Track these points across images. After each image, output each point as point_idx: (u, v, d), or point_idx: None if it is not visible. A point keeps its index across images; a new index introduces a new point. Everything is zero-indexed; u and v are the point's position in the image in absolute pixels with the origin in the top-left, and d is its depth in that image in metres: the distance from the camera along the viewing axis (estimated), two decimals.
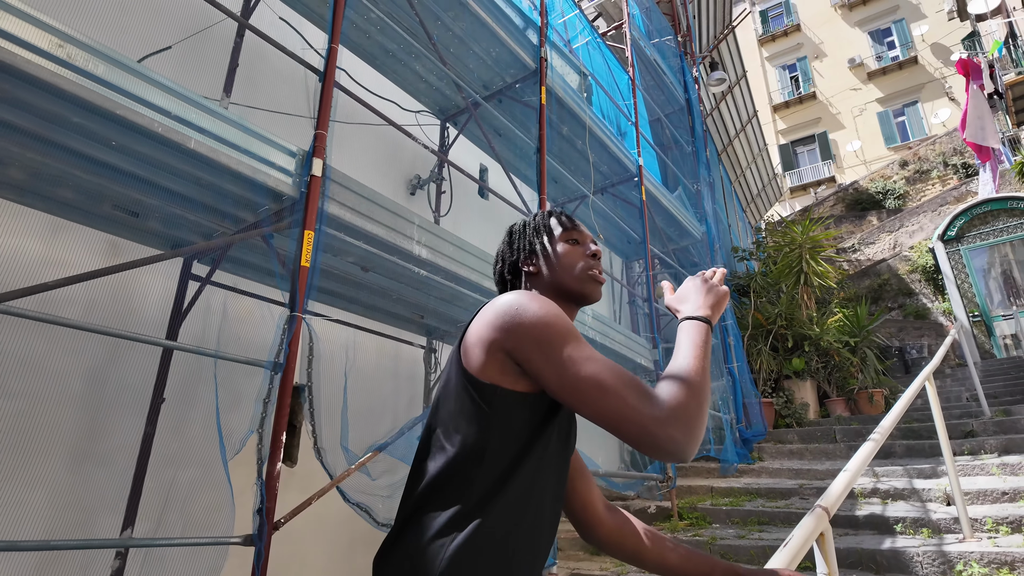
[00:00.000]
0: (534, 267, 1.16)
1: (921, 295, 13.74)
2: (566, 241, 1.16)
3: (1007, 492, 4.01)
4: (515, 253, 1.20)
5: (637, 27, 6.92)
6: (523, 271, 1.17)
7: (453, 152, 5.27)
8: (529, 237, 1.20)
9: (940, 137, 19.65)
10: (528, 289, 1.16)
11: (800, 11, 25.32)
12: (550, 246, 1.16)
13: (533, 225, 1.22)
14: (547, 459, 0.96)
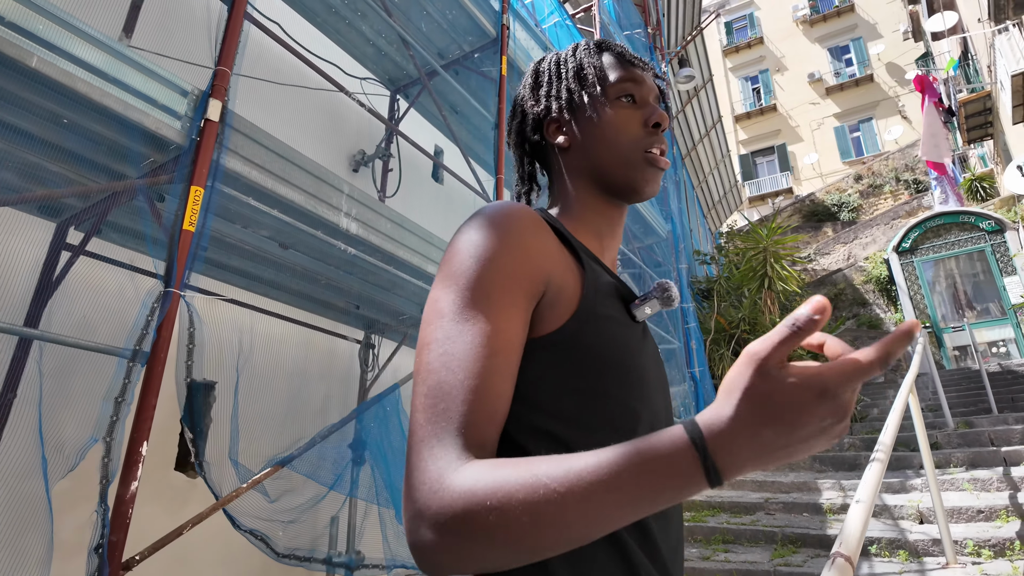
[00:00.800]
0: (565, 136, 0.79)
1: (875, 305, 13.89)
2: (618, 96, 0.78)
3: (982, 510, 3.77)
4: (541, 103, 0.81)
5: (607, 12, 6.57)
6: (548, 141, 0.80)
7: (404, 128, 4.78)
8: (566, 78, 0.80)
9: (893, 153, 20.14)
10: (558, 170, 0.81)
11: (763, 25, 25.67)
12: (592, 101, 0.77)
13: (575, 60, 0.81)
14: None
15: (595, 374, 0.65)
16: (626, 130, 0.76)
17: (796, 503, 4.39)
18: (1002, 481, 4.20)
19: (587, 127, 0.77)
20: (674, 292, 0.74)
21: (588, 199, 0.78)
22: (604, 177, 0.77)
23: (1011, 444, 4.98)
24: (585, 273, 0.68)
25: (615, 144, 0.76)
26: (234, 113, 2.18)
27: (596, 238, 0.78)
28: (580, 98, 0.78)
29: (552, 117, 0.80)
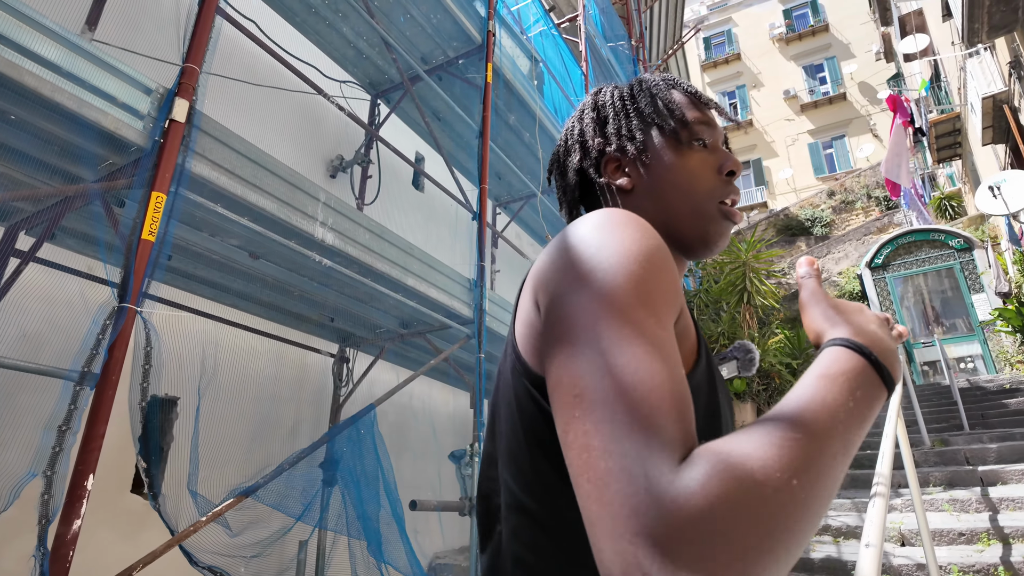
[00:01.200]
0: (630, 176, 0.70)
1: None
2: (692, 139, 0.70)
3: (964, 533, 3.75)
4: (604, 139, 0.72)
5: (592, 22, 6.53)
6: (605, 182, 0.71)
7: (385, 134, 4.64)
8: (636, 115, 0.71)
9: (864, 171, 20.57)
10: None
11: (741, 41, 26.11)
12: (666, 141, 0.69)
13: (646, 96, 0.72)
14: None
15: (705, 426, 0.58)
16: (702, 177, 0.68)
17: None
18: (980, 502, 4.19)
19: (658, 170, 0.69)
20: (756, 356, 0.68)
21: None
22: (674, 227, 0.68)
23: (987, 463, 5.00)
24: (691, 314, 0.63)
25: (690, 192, 0.68)
26: (202, 114, 2.03)
27: None
28: (652, 138, 0.70)
29: (612, 155, 0.71)
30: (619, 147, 0.70)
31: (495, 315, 3.53)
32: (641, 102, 0.72)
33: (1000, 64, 9.13)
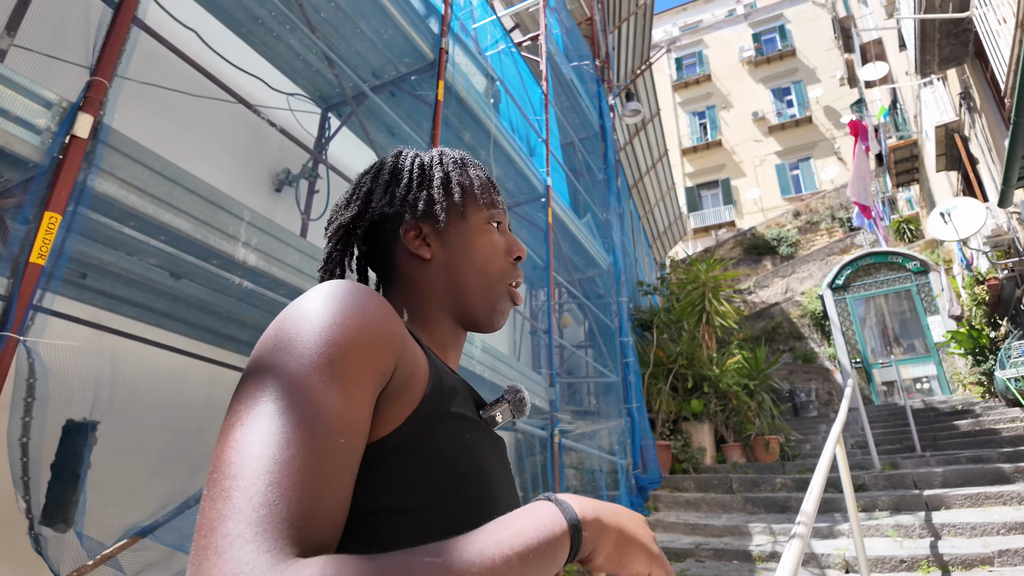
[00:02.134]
0: (430, 247, 0.71)
1: (810, 340, 14.31)
2: (488, 221, 0.74)
3: (905, 560, 3.77)
4: (396, 205, 0.71)
5: (554, 42, 6.55)
6: (403, 247, 0.71)
7: (336, 148, 4.56)
8: (434, 185, 0.72)
9: (828, 192, 21.10)
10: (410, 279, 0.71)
11: (712, 63, 26.66)
12: (466, 220, 0.72)
13: (445, 171, 0.74)
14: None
15: (442, 485, 0.56)
16: (495, 259, 0.72)
17: (727, 549, 4.31)
18: (924, 527, 4.23)
19: (456, 247, 0.71)
20: (526, 398, 0.67)
21: (440, 317, 0.71)
22: (465, 301, 0.71)
23: (932, 487, 5.07)
24: (431, 365, 0.60)
25: (483, 272, 0.71)
26: (111, 129, 1.93)
27: (439, 348, 0.71)
28: (454, 214, 0.72)
29: (413, 224, 0.71)
30: (423, 217, 0.70)
31: None
32: (441, 176, 0.72)
33: (952, 94, 9.44)
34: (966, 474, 5.11)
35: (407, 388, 0.56)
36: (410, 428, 0.54)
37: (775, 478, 5.75)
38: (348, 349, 0.50)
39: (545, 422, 4.86)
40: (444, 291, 0.70)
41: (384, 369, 0.53)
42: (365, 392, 0.51)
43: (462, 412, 0.60)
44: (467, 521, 0.54)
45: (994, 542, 3.78)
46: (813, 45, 24.85)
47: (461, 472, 0.57)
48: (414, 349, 0.58)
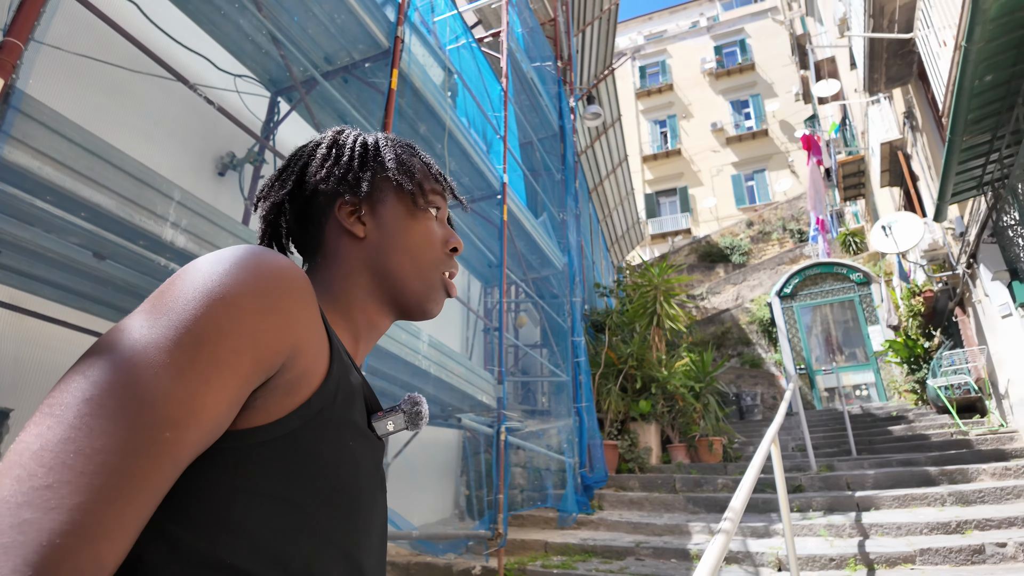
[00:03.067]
0: (363, 225, 0.68)
1: (758, 345, 14.72)
2: (427, 208, 0.72)
3: (834, 558, 3.89)
4: (332, 182, 0.69)
5: (516, 40, 6.54)
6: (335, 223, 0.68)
7: (285, 133, 4.43)
8: (376, 163, 0.71)
9: (781, 204, 21.78)
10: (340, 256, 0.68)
11: (674, 72, 27.18)
12: (404, 202, 0.71)
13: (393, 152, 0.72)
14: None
15: (311, 496, 0.51)
16: (431, 246, 0.71)
17: (666, 548, 4.37)
18: (854, 527, 4.38)
19: (392, 228, 0.69)
20: (424, 411, 0.64)
21: (363, 300, 0.68)
22: (395, 286, 0.68)
23: (864, 489, 5.26)
24: (333, 361, 0.55)
25: (418, 257, 0.69)
26: (24, 94, 1.81)
27: (353, 339, 0.67)
28: (392, 195, 0.70)
29: (350, 200, 0.68)
30: (360, 195, 0.68)
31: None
32: (387, 157, 0.71)
33: (897, 113, 9.84)
34: (896, 477, 5.32)
35: (297, 385, 0.51)
36: (288, 425, 0.50)
37: (717, 479, 5.87)
38: (227, 332, 0.45)
39: (492, 420, 4.84)
40: (373, 272, 0.67)
41: (269, 361, 0.48)
42: (231, 384, 0.45)
43: (351, 418, 0.56)
44: (329, 530, 0.52)
45: (917, 541, 3.94)
46: (771, 60, 25.60)
47: (332, 481, 0.53)
48: (318, 340, 0.54)
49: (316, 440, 0.52)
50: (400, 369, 3.94)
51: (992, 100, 4.58)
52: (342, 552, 0.53)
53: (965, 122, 4.68)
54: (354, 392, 0.58)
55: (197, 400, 0.43)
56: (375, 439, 0.61)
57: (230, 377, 0.45)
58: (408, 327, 3.88)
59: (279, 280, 0.50)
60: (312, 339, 0.52)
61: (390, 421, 0.61)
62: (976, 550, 3.64)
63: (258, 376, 0.48)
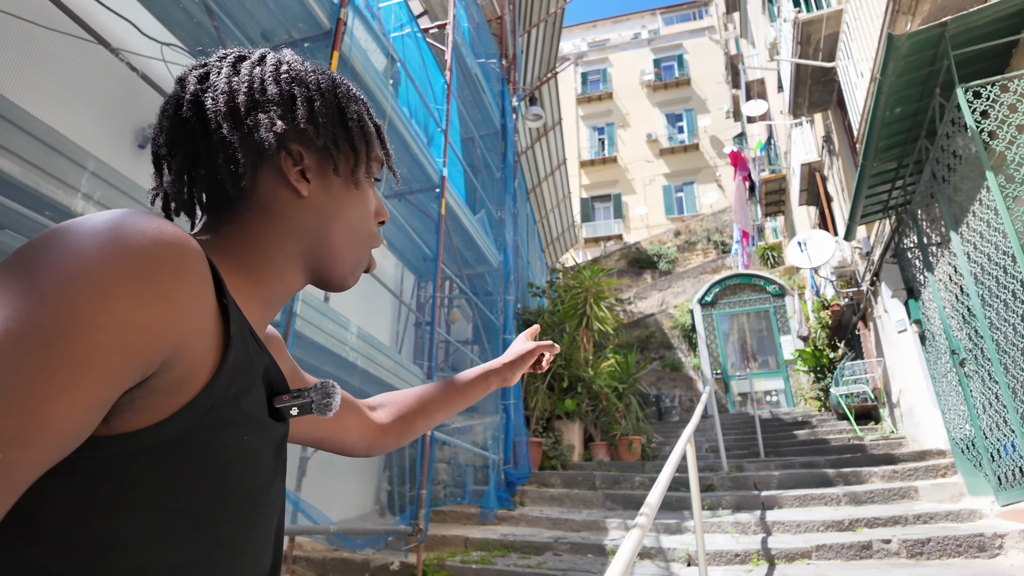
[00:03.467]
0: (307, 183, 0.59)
1: (678, 350, 15.32)
2: (371, 176, 0.65)
3: (739, 554, 4.11)
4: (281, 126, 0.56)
5: (462, 34, 6.51)
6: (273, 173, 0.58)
7: None
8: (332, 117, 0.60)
9: (707, 216, 22.77)
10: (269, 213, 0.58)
11: (614, 81, 27.83)
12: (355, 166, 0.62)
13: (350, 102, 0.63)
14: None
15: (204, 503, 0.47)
16: (367, 218, 0.64)
17: (583, 543, 4.48)
18: (758, 525, 4.65)
19: (340, 196, 0.61)
20: (335, 401, 0.59)
21: (287, 265, 0.59)
22: (327, 256, 0.61)
23: (770, 489, 5.58)
24: (229, 349, 0.48)
25: (357, 230, 0.63)
26: None
27: (261, 307, 0.59)
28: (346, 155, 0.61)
29: (298, 150, 0.58)
30: (312, 150, 0.59)
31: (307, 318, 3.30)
32: (351, 111, 0.62)
33: (817, 136, 10.50)
34: (798, 478, 5.68)
35: (183, 383, 0.45)
36: (173, 428, 0.44)
37: (635, 476, 6.07)
38: (92, 324, 0.37)
39: None
40: (308, 238, 0.59)
41: (146, 360, 0.41)
42: (95, 387, 0.38)
43: (247, 410, 0.51)
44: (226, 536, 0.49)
45: (814, 538, 4.23)
46: (706, 77, 26.66)
47: (227, 483, 0.48)
48: (210, 329, 0.47)
49: (207, 442, 0.46)
50: (325, 360, 3.84)
51: (900, 131, 4.97)
52: (240, 553, 0.50)
53: (876, 149, 5.05)
54: (253, 379, 0.52)
55: (47, 410, 0.36)
56: (275, 424, 0.56)
57: (93, 380, 0.38)
58: (338, 318, 3.79)
59: (165, 259, 0.42)
60: (203, 330, 0.46)
61: (296, 407, 0.57)
62: (864, 546, 3.95)
63: (131, 377, 0.40)
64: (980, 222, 4.08)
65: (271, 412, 0.56)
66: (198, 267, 0.45)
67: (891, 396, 7.70)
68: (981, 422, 4.55)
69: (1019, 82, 3.86)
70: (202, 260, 0.46)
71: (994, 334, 4.10)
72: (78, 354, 0.37)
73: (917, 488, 4.98)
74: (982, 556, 3.73)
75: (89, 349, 0.37)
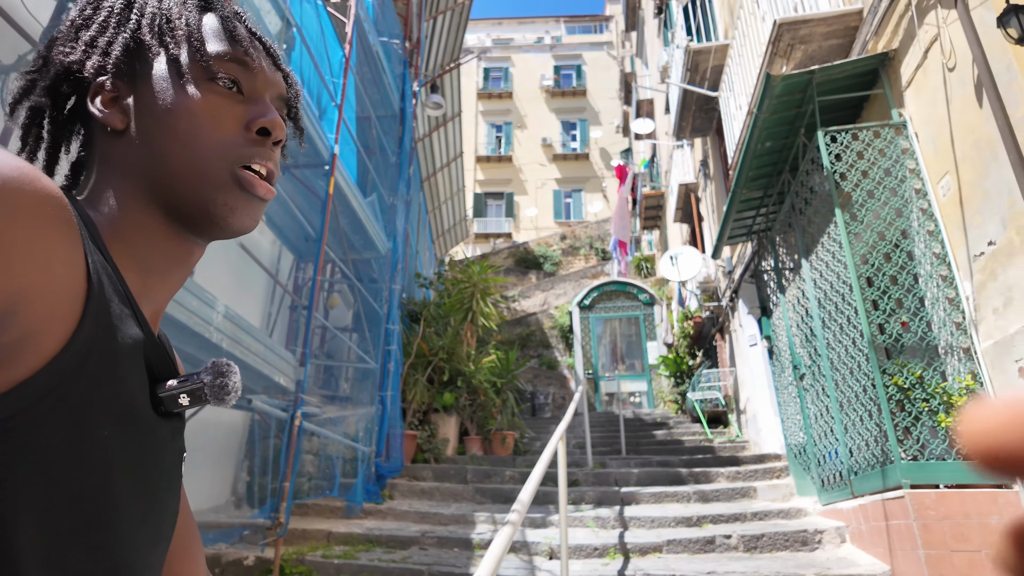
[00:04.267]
0: (121, 115, 0.50)
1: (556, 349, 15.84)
2: (213, 77, 0.51)
3: (598, 548, 4.30)
4: (85, 50, 0.51)
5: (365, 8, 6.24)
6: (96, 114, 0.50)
7: None
8: (136, 30, 0.52)
9: (591, 224, 23.78)
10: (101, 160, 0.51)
11: (515, 82, 28.17)
12: (173, 73, 0.50)
13: (158, 6, 0.53)
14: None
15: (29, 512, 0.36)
16: (214, 126, 0.50)
17: (451, 537, 4.47)
18: (617, 520, 4.90)
19: (154, 109, 0.50)
20: (232, 383, 0.48)
21: (139, 215, 0.50)
22: (169, 188, 0.49)
23: (629, 485, 5.91)
24: (87, 315, 0.40)
25: (190, 144, 0.49)
26: None
27: (139, 272, 0.49)
28: (153, 62, 0.51)
29: (102, 80, 0.50)
30: (119, 72, 0.51)
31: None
32: (149, 12, 0.53)
33: (695, 160, 11.29)
34: (655, 475, 6.07)
35: (16, 352, 0.36)
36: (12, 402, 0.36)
37: (505, 471, 6.18)
38: None
39: (288, 404, 4.55)
40: (141, 175, 0.49)
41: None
42: None
43: (107, 394, 0.42)
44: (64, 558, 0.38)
45: (666, 533, 4.54)
46: (602, 91, 27.76)
47: (67, 487, 0.39)
48: (62, 286, 0.39)
49: (43, 432, 0.37)
50: (187, 341, 3.51)
51: (768, 163, 5.46)
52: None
53: (746, 178, 5.52)
54: (121, 356, 0.43)
55: None
56: (159, 420, 0.47)
57: None
58: (202, 294, 3.47)
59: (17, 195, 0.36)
60: (50, 284, 0.38)
61: (184, 394, 0.47)
62: (708, 541, 4.30)
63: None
64: (827, 253, 4.59)
65: (154, 405, 0.46)
66: (50, 210, 0.38)
67: (739, 403, 8.48)
68: (812, 431, 5.13)
69: (866, 132, 4.39)
70: (59, 204, 0.39)
71: (830, 353, 4.63)
72: None
73: (756, 488, 5.52)
74: (804, 550, 4.20)
75: None
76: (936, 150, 3.95)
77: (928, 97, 4.01)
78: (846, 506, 4.35)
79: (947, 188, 3.86)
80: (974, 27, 3.42)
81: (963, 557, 3.28)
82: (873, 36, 4.60)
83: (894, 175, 4.25)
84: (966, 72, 3.56)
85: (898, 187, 4.22)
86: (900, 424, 3.73)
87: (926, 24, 3.96)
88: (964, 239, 3.68)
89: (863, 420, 4.11)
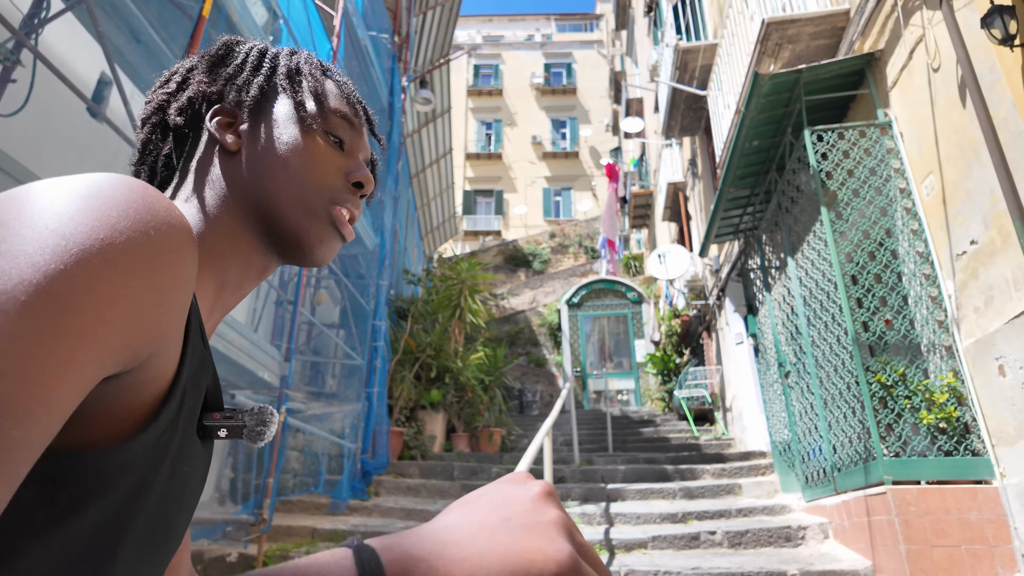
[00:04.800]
0: (236, 137, 0.56)
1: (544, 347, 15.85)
2: (327, 130, 0.58)
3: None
4: (220, 84, 0.58)
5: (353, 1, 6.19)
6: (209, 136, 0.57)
7: (55, 37, 3.64)
8: (272, 76, 0.60)
9: (580, 222, 23.81)
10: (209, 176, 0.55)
11: (505, 79, 28.14)
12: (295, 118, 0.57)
13: (291, 62, 0.61)
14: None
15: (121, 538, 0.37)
16: (322, 169, 0.57)
17: None
18: (603, 516, 4.92)
19: (273, 142, 0.56)
20: (268, 433, 0.49)
21: (233, 228, 0.53)
22: (271, 210, 0.54)
23: (615, 482, 5.93)
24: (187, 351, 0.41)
25: (301, 177, 0.55)
26: None
27: (216, 287, 0.52)
28: (280, 108, 0.58)
29: (226, 107, 0.57)
30: (237, 101, 0.58)
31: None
32: (284, 65, 0.61)
33: (684, 159, 11.34)
34: (641, 472, 6.10)
35: (147, 385, 0.37)
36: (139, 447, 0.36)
37: (492, 467, 6.17)
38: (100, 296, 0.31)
39: (273, 399, 4.51)
40: (248, 194, 0.54)
41: (138, 341, 0.34)
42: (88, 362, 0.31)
43: (192, 433, 0.44)
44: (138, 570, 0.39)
45: (651, 529, 4.55)
46: (591, 89, 27.80)
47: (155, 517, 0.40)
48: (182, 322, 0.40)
49: (152, 469, 0.38)
50: None
51: (755, 162, 5.49)
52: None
53: (734, 177, 5.54)
54: (200, 393, 0.45)
55: (54, 386, 0.30)
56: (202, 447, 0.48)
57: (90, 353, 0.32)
58: None
59: (169, 235, 0.36)
60: (182, 321, 0.39)
61: (224, 428, 0.48)
62: (693, 537, 4.32)
63: (114, 362, 0.34)
64: (813, 251, 4.62)
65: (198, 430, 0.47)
66: (193, 248, 0.39)
67: (725, 401, 8.53)
68: (797, 428, 5.17)
69: (852, 132, 4.43)
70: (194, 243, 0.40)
71: (814, 351, 4.67)
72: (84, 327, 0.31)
73: (741, 485, 5.55)
74: (788, 546, 4.23)
75: (94, 323, 0.31)
76: (920, 150, 4.00)
77: (913, 97, 4.05)
78: (829, 502, 4.39)
79: (931, 188, 3.90)
80: (958, 28, 3.45)
81: (943, 552, 3.32)
82: (860, 36, 4.64)
83: (879, 174, 4.29)
84: (950, 73, 3.60)
85: (883, 186, 4.26)
86: (883, 421, 3.77)
87: (911, 25, 4.00)
88: (947, 238, 3.73)
89: (847, 417, 4.15)
